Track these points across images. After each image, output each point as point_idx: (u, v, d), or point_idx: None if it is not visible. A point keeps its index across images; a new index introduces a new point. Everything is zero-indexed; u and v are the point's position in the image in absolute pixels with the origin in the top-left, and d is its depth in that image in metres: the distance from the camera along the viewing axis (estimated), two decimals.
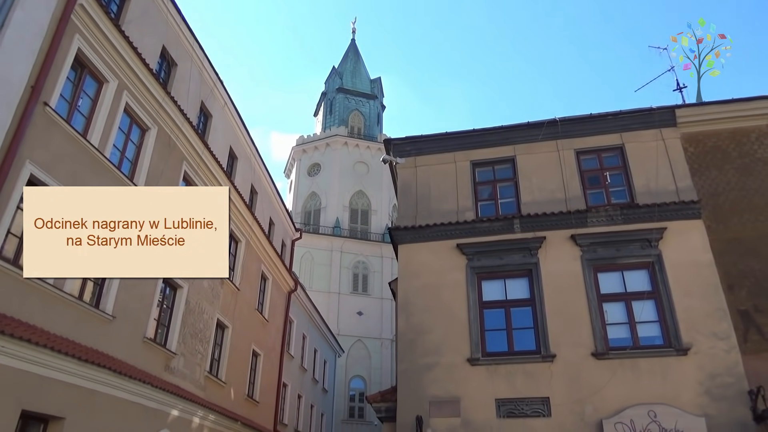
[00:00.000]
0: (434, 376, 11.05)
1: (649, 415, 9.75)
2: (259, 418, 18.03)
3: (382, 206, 42.74)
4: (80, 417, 9.08)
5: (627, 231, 11.33)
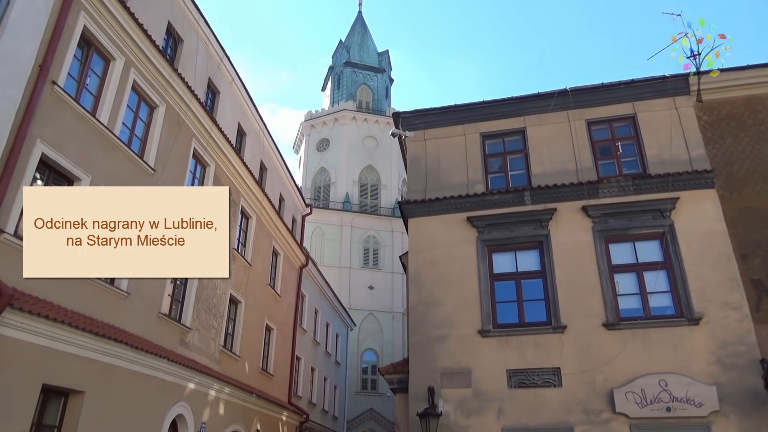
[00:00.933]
0: (445, 347, 11.16)
1: (659, 384, 9.81)
2: (273, 391, 18.36)
3: (392, 181, 42.66)
4: (99, 390, 9.30)
5: (639, 201, 11.25)
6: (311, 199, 38.65)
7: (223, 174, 15.15)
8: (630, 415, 9.80)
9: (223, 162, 15.01)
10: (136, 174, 11.03)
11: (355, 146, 43.17)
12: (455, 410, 10.62)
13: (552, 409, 10.25)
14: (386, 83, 49.76)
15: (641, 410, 9.75)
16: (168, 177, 12.12)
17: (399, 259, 14.62)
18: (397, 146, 20.78)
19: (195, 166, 13.85)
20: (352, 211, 39.97)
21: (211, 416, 13.42)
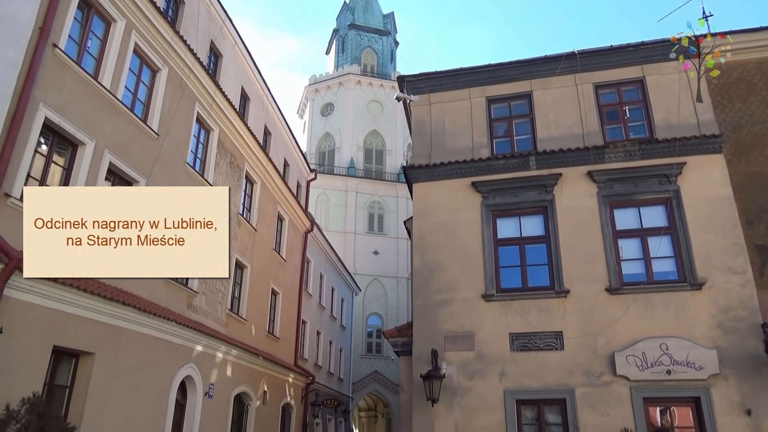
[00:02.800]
0: (449, 311, 11.29)
1: (660, 347, 9.93)
2: (280, 353, 18.69)
3: (397, 146, 42.38)
4: (109, 352, 9.49)
5: (645, 167, 11.18)
6: (316, 165, 38.54)
7: (227, 139, 15.09)
8: (630, 377, 9.96)
9: (227, 126, 14.93)
10: (139, 138, 11.00)
11: (359, 111, 42.76)
12: (458, 372, 10.81)
13: (553, 371, 10.42)
14: (391, 46, 48.94)
15: (641, 373, 9.91)
16: (172, 142, 12.09)
17: (403, 224, 14.65)
18: (403, 111, 20.60)
19: (199, 130, 13.79)
20: (357, 177, 39.86)
21: (219, 378, 13.71)
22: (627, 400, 9.93)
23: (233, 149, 15.46)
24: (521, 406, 10.50)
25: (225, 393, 14.06)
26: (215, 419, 13.36)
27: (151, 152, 11.32)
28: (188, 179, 12.85)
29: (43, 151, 8.81)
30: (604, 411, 9.94)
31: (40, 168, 8.75)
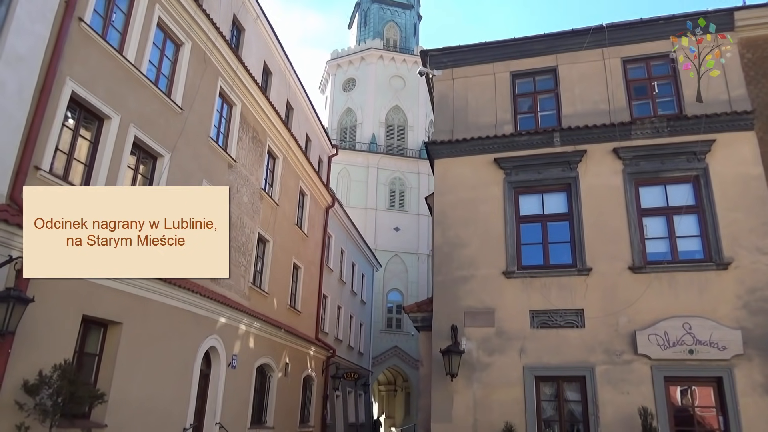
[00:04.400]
0: (469, 287, 11.30)
1: (683, 327, 9.84)
2: (301, 327, 18.97)
3: (419, 122, 42.06)
4: (136, 322, 9.74)
5: (673, 144, 10.94)
6: (337, 140, 38.50)
7: (250, 113, 15.13)
8: (652, 356, 9.90)
9: (249, 101, 14.96)
10: (164, 113, 11.09)
11: (381, 86, 42.42)
12: (478, 348, 10.87)
13: (574, 349, 10.41)
14: (414, 20, 48.20)
15: (663, 352, 9.84)
16: (195, 116, 12.17)
17: (425, 200, 14.62)
18: (425, 86, 20.38)
19: (221, 105, 13.85)
20: (379, 153, 39.75)
21: (242, 349, 13.99)
22: (647, 379, 9.90)
23: (255, 124, 15.51)
24: (540, 383, 10.54)
25: (248, 364, 14.36)
26: (238, 389, 13.68)
27: (175, 126, 11.42)
28: (211, 154, 12.96)
29: (70, 125, 8.95)
30: (624, 389, 9.93)
31: (68, 142, 8.90)
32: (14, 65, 7.58)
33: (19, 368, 7.25)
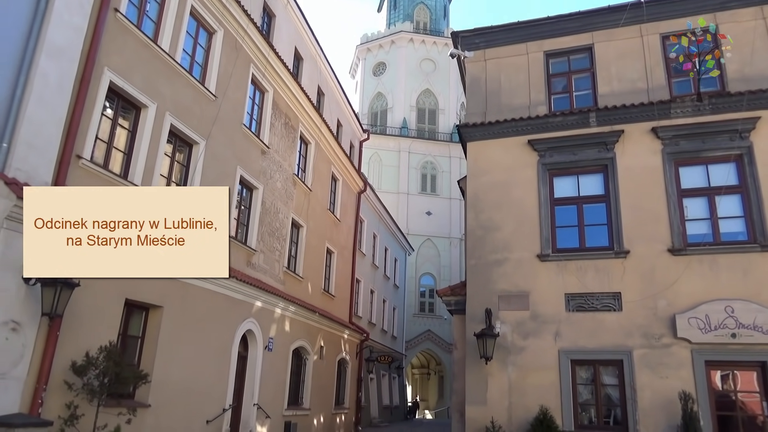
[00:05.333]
0: (503, 271, 11.23)
1: (725, 310, 9.60)
2: (335, 311, 19.19)
3: (450, 105, 41.70)
4: (176, 305, 10.00)
5: (715, 122, 10.58)
6: (368, 125, 38.49)
7: (281, 100, 15.23)
8: (692, 340, 9.70)
9: (281, 87, 15.05)
10: (198, 100, 11.26)
11: (412, 70, 42.13)
12: (512, 331, 10.82)
13: (611, 332, 10.27)
14: (444, 2, 47.56)
15: (704, 336, 9.63)
16: (228, 103, 12.32)
17: (457, 183, 14.53)
18: (456, 69, 20.16)
19: (254, 92, 13.97)
20: (410, 137, 39.62)
21: (278, 332, 14.25)
22: (687, 363, 9.71)
23: (287, 110, 15.61)
24: (576, 366, 10.45)
25: (284, 347, 14.62)
26: (275, 371, 13.96)
27: (210, 114, 11.59)
28: (245, 140, 13.11)
29: (108, 114, 9.17)
30: (663, 373, 9.76)
31: (107, 131, 9.13)
32: (55, 57, 7.79)
33: (67, 350, 7.55)
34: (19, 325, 6.91)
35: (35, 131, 7.42)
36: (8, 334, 6.78)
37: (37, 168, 7.42)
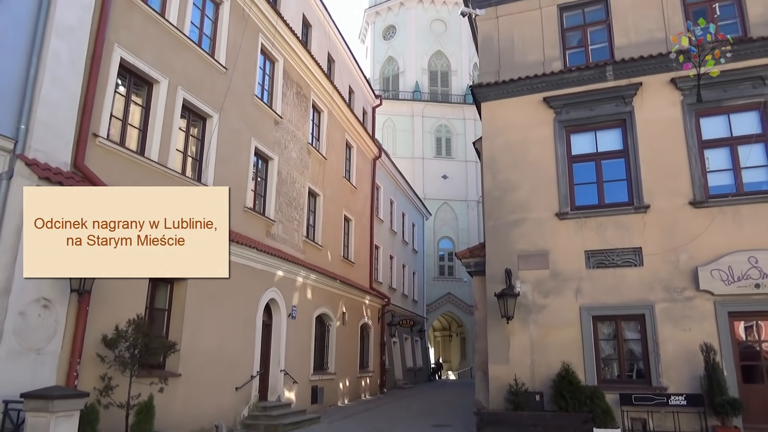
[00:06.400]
0: (522, 231, 11.20)
1: (749, 261, 9.50)
2: (355, 277, 19.39)
3: (463, 66, 40.97)
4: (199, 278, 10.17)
5: (737, 69, 10.26)
6: (380, 90, 38.05)
7: (292, 69, 15.10)
8: (715, 292, 9.65)
9: (291, 56, 14.91)
10: (209, 73, 11.22)
11: (422, 31, 41.33)
12: (533, 290, 10.86)
13: (632, 287, 10.25)
14: None
15: (727, 287, 9.57)
16: (239, 75, 12.25)
17: (472, 145, 14.40)
18: (467, 29, 19.74)
19: (264, 62, 13.86)
20: (423, 101, 39.14)
21: (300, 300, 14.47)
22: (710, 315, 9.69)
23: (299, 79, 15.50)
24: (598, 322, 10.49)
25: (307, 314, 14.87)
26: (299, 338, 14.24)
27: (221, 86, 11.55)
28: (258, 111, 13.09)
29: (121, 91, 9.19)
30: (686, 326, 9.76)
31: (121, 108, 9.17)
32: (65, 36, 7.79)
33: (97, 324, 7.77)
34: (50, 302, 7.12)
35: (51, 111, 7.49)
36: (40, 311, 6.99)
37: (55, 148, 7.51)
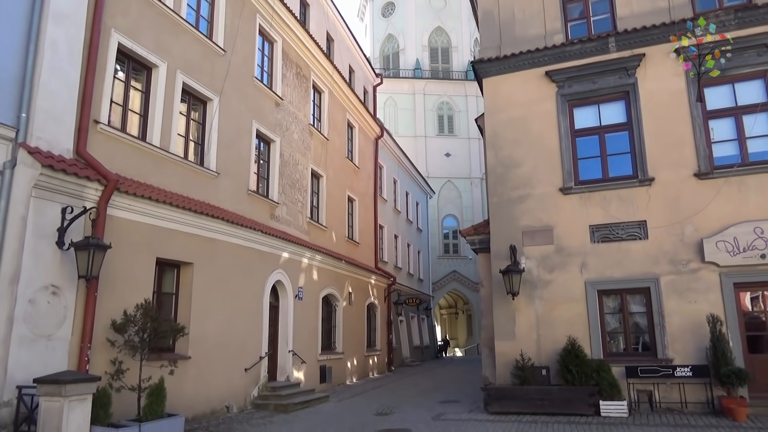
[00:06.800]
0: (526, 207, 11.19)
1: (755, 231, 9.49)
2: (361, 257, 19.45)
3: (463, 42, 40.51)
4: (205, 261, 10.25)
5: (742, 37, 10.12)
6: (381, 69, 37.74)
7: (291, 49, 14.96)
8: (720, 263, 9.66)
9: (290, 36, 14.76)
10: (208, 56, 11.13)
11: (422, 7, 40.80)
12: (537, 266, 10.88)
13: (637, 261, 10.26)
14: None
15: (732, 258, 9.57)
16: (238, 57, 12.16)
17: (475, 121, 14.31)
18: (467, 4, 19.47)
19: (263, 43, 13.73)
20: (424, 78, 38.81)
21: (306, 281, 14.55)
22: (716, 287, 9.70)
23: (298, 59, 15.37)
24: (603, 296, 10.52)
25: (313, 295, 14.96)
26: (307, 319, 14.34)
27: (221, 69, 11.47)
28: (258, 94, 13.01)
29: (121, 77, 9.14)
30: (691, 298, 9.78)
31: (121, 94, 9.13)
32: (62, 23, 7.72)
33: (106, 310, 7.84)
34: (58, 289, 7.18)
35: (51, 99, 7.46)
36: (49, 297, 7.06)
37: (57, 136, 7.50)
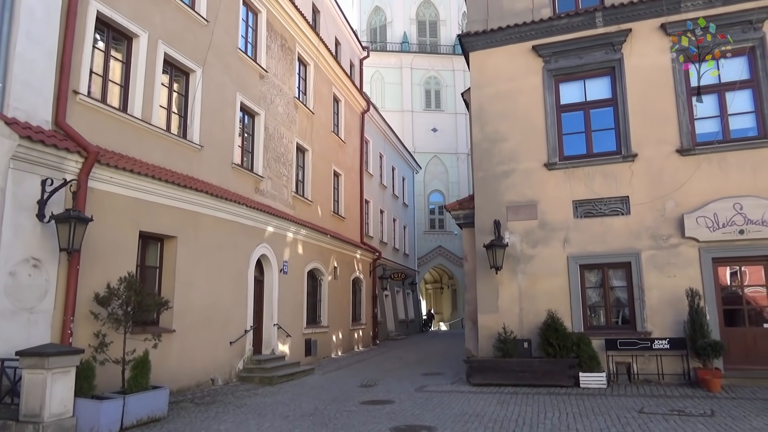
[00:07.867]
0: (511, 182, 11.24)
1: (734, 207, 9.63)
2: (346, 232, 19.47)
3: (451, 15, 40.06)
4: (189, 235, 10.19)
5: (727, 13, 10.14)
6: (368, 42, 37.29)
7: (276, 20, 14.70)
8: (700, 239, 9.81)
9: (274, 6, 14.48)
10: (190, 26, 10.90)
11: None
12: (521, 241, 10.98)
13: (619, 236, 10.39)
14: None
15: (712, 234, 9.73)
16: (221, 27, 11.92)
17: (461, 95, 14.24)
18: None
19: (246, 13, 13.47)
20: (411, 52, 38.40)
21: (292, 256, 14.55)
22: (695, 261, 9.88)
23: (283, 31, 15.11)
24: (585, 271, 10.67)
25: (298, 269, 14.99)
26: (292, 293, 14.39)
27: (203, 40, 11.26)
28: (242, 65, 12.81)
29: (100, 47, 8.93)
30: (671, 272, 9.96)
31: (101, 64, 8.93)
32: None
33: (89, 283, 7.79)
34: (39, 262, 7.11)
35: (28, 68, 7.28)
36: (30, 270, 6.99)
37: (35, 106, 7.34)
